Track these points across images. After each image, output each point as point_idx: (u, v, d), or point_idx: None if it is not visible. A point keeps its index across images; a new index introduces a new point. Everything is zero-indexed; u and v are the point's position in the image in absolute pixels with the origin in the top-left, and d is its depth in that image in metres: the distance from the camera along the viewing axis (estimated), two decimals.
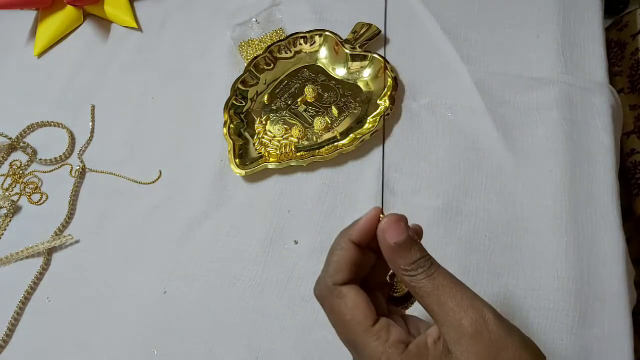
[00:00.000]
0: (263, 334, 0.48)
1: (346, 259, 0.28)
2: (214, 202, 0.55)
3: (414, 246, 0.27)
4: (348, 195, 0.53)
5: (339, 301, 0.28)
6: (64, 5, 0.69)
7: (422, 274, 0.27)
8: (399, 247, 0.27)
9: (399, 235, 0.27)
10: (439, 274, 0.27)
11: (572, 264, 0.47)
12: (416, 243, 0.28)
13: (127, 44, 0.68)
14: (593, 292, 0.46)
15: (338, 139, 0.56)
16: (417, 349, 0.26)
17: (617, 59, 0.78)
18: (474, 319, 0.25)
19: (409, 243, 0.27)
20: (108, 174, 0.59)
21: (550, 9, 0.61)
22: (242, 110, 0.59)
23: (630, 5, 1.22)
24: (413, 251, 0.27)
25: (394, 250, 0.27)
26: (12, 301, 0.52)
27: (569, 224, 0.48)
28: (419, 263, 0.27)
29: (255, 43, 0.64)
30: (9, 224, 0.58)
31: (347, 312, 0.28)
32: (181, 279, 0.52)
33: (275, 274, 0.50)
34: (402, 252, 0.27)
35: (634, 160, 0.68)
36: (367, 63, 0.59)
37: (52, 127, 0.63)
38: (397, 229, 0.27)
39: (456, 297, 0.26)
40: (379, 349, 0.26)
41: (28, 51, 0.70)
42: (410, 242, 0.27)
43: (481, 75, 0.58)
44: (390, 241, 0.27)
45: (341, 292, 0.28)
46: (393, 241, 0.27)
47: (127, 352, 0.49)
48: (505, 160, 0.53)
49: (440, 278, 0.27)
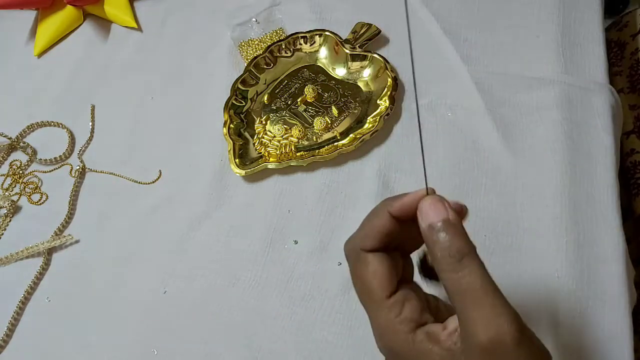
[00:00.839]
0: (263, 334, 0.48)
1: (379, 228, 0.27)
2: (214, 202, 0.55)
3: (449, 232, 0.25)
4: (348, 195, 0.53)
5: (361, 266, 0.28)
6: (64, 5, 0.69)
7: (450, 268, 0.25)
8: (435, 229, 0.26)
9: (436, 216, 0.26)
10: (471, 273, 0.24)
11: (572, 264, 0.47)
12: (454, 229, 0.25)
13: (127, 44, 0.68)
14: (593, 292, 0.46)
15: (338, 139, 0.56)
16: (427, 336, 0.26)
17: (617, 59, 0.78)
18: (492, 337, 0.23)
19: (445, 227, 0.25)
20: (108, 174, 0.59)
21: (550, 9, 0.61)
22: (242, 110, 0.59)
23: (630, 5, 1.22)
24: (447, 238, 0.25)
25: (430, 231, 0.26)
26: (12, 301, 0.52)
27: (569, 224, 0.48)
28: (450, 252, 0.25)
29: (255, 43, 0.64)
30: (9, 224, 0.58)
31: (367, 279, 0.27)
32: (181, 279, 0.52)
33: (275, 274, 0.50)
34: (438, 235, 0.25)
35: (634, 160, 0.68)
36: (367, 63, 0.59)
37: (52, 127, 0.63)
38: (435, 211, 0.26)
39: (482, 308, 0.24)
40: (388, 321, 0.26)
41: (28, 51, 0.70)
42: (447, 227, 0.25)
43: (481, 75, 0.58)
44: (424, 222, 0.26)
45: (366, 259, 0.27)
46: (428, 222, 0.26)
47: (127, 352, 0.49)
48: (505, 160, 0.53)
49: (472, 278, 0.24)
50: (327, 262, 0.50)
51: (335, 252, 0.51)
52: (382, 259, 0.27)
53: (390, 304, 0.27)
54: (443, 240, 0.25)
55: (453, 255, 0.25)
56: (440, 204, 0.26)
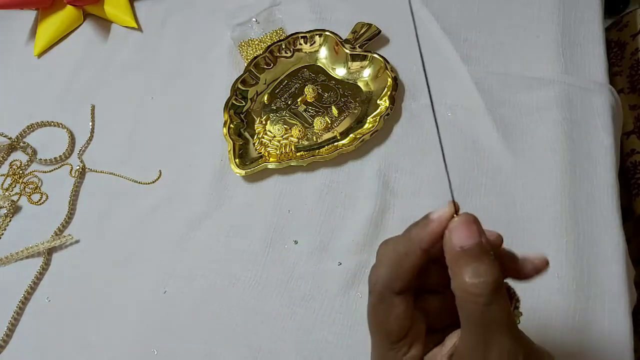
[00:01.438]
0: (263, 334, 0.48)
1: (410, 270, 0.25)
2: (214, 202, 0.55)
3: (485, 258, 0.23)
4: (348, 195, 0.53)
5: (385, 307, 0.25)
6: (64, 5, 0.69)
7: (479, 300, 0.23)
8: (466, 254, 0.23)
9: (469, 238, 0.23)
10: (501, 309, 0.23)
11: (572, 264, 0.47)
12: (488, 256, 0.23)
13: (127, 44, 0.68)
14: (593, 292, 0.46)
15: (338, 139, 0.56)
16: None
17: (617, 59, 0.78)
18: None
19: (479, 251, 0.23)
20: (108, 174, 0.59)
21: (550, 9, 0.61)
22: (242, 110, 0.59)
23: (630, 5, 1.22)
24: (482, 264, 0.23)
25: (459, 255, 0.23)
26: (12, 301, 0.52)
27: (569, 224, 0.48)
28: (484, 282, 0.22)
29: (255, 43, 0.64)
30: (9, 224, 0.58)
31: (388, 321, 0.25)
32: (181, 279, 0.52)
33: (275, 274, 0.50)
34: (469, 261, 0.23)
35: (634, 160, 0.68)
36: (367, 63, 0.59)
37: (52, 127, 0.63)
38: (468, 231, 0.23)
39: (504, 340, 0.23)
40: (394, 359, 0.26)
41: (28, 51, 0.70)
42: (481, 251, 0.23)
43: (481, 75, 0.58)
44: (456, 243, 0.23)
45: (392, 302, 0.25)
46: (460, 244, 0.23)
47: (127, 352, 0.49)
48: (505, 160, 0.53)
49: (496, 312, 0.23)
50: (327, 262, 0.50)
51: (335, 252, 0.51)
52: (408, 303, 0.25)
53: (401, 345, 0.26)
54: (482, 265, 0.23)
55: (487, 286, 0.23)
56: (472, 226, 0.24)
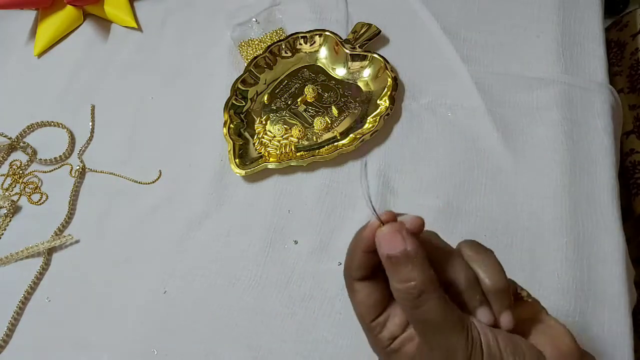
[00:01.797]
0: (263, 334, 0.48)
1: (359, 264, 0.28)
2: (214, 202, 0.55)
3: (409, 264, 0.25)
4: (348, 195, 0.53)
5: (351, 294, 0.29)
6: (64, 5, 0.69)
7: (409, 304, 0.25)
8: (392, 261, 0.25)
9: (394, 248, 0.25)
10: (430, 310, 0.25)
11: (572, 264, 0.47)
12: (413, 261, 0.25)
13: (127, 44, 0.68)
14: (593, 292, 0.46)
15: (338, 139, 0.56)
16: (400, 342, 0.28)
17: (617, 59, 0.78)
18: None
19: (404, 259, 0.25)
20: (108, 174, 0.59)
21: (550, 9, 0.61)
22: (242, 110, 0.59)
23: (630, 5, 1.22)
24: (407, 269, 0.25)
25: (387, 262, 0.26)
26: (12, 301, 0.52)
27: (569, 224, 0.48)
28: (409, 288, 0.25)
29: (255, 43, 0.64)
30: (9, 224, 0.58)
31: (355, 306, 0.29)
32: (181, 279, 0.52)
33: (275, 274, 0.50)
34: (396, 267, 0.25)
35: (634, 160, 0.68)
36: (367, 63, 0.59)
37: (52, 127, 0.63)
38: (393, 241, 0.25)
39: (439, 337, 0.26)
40: (371, 338, 0.29)
41: (28, 51, 0.70)
42: (406, 258, 0.25)
43: (481, 75, 0.58)
44: (383, 252, 0.26)
45: (354, 288, 0.29)
46: (386, 253, 0.25)
47: (127, 352, 0.49)
48: (505, 160, 0.53)
49: (431, 314, 0.25)
50: (327, 262, 0.50)
51: (335, 252, 0.51)
52: (369, 289, 0.28)
53: (373, 326, 0.28)
54: (402, 274, 0.25)
55: (411, 291, 0.25)
56: (397, 235, 0.25)
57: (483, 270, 0.28)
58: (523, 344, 0.27)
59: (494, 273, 0.28)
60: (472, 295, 0.28)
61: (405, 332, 0.28)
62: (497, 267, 0.28)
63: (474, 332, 0.26)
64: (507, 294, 0.28)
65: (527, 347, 0.27)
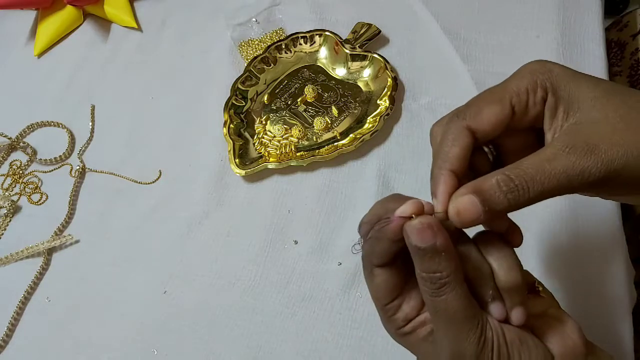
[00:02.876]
0: (263, 334, 0.48)
1: (381, 252, 0.28)
2: (214, 202, 0.55)
3: (436, 257, 0.25)
4: (348, 195, 0.53)
5: (370, 278, 0.29)
6: (64, 5, 0.69)
7: (430, 292, 0.26)
8: (420, 251, 0.25)
9: (423, 242, 0.25)
10: (448, 301, 0.25)
11: (572, 264, 0.47)
12: (440, 255, 0.25)
13: (127, 44, 0.68)
14: (593, 292, 0.46)
15: (338, 139, 0.56)
16: (413, 326, 0.28)
17: (617, 59, 0.78)
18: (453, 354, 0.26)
19: (432, 252, 0.25)
20: (108, 174, 0.59)
21: (550, 9, 0.61)
22: (242, 110, 0.59)
23: (630, 5, 1.22)
24: (433, 262, 0.25)
25: (415, 250, 0.25)
26: (12, 301, 0.52)
27: (569, 224, 0.48)
28: (432, 278, 0.25)
29: (255, 43, 0.64)
30: (9, 224, 0.58)
31: (372, 289, 0.29)
32: (181, 279, 0.52)
33: (275, 274, 0.50)
34: (423, 257, 0.25)
35: None
36: (367, 63, 0.59)
37: (52, 127, 0.63)
38: (422, 236, 0.25)
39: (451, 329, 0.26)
40: (384, 320, 0.29)
41: (28, 51, 0.70)
42: (434, 252, 0.25)
43: (481, 75, 0.58)
44: (412, 243, 0.25)
45: (373, 273, 0.29)
46: (415, 244, 0.25)
47: (127, 352, 0.49)
48: None
49: (449, 305, 0.25)
50: (327, 262, 0.50)
51: (335, 252, 0.51)
52: (387, 275, 0.28)
53: (387, 308, 0.29)
54: (428, 266, 0.25)
55: (436, 281, 0.25)
56: (428, 229, 0.25)
57: (498, 265, 0.27)
58: (530, 340, 0.27)
59: (509, 269, 0.27)
60: (485, 290, 0.27)
61: (419, 316, 0.28)
62: (513, 263, 0.27)
63: (488, 332, 0.26)
64: (521, 290, 0.27)
65: (534, 345, 0.27)
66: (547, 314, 0.29)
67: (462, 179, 0.27)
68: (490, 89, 0.29)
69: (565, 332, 0.28)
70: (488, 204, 0.25)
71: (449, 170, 0.27)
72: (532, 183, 0.25)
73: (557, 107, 0.27)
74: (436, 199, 0.27)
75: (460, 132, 0.28)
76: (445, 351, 0.26)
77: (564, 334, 0.28)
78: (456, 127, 0.28)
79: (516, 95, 0.28)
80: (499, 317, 0.27)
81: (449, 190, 0.26)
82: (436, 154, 0.28)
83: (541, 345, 0.27)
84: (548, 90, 0.28)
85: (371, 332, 0.47)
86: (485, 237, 0.28)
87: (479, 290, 0.27)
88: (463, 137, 0.27)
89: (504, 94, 0.28)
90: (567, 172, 0.24)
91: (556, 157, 0.25)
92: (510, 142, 0.30)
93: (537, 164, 0.25)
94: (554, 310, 0.30)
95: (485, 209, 0.25)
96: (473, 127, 0.28)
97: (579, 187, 0.25)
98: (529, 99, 0.28)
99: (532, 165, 0.25)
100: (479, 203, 0.25)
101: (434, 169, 0.28)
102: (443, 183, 0.27)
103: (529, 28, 0.60)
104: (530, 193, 0.25)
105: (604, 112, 0.25)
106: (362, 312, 0.48)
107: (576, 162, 0.24)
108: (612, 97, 0.26)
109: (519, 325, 0.27)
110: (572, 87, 0.27)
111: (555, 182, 0.25)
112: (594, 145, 0.24)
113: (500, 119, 0.28)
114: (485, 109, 0.28)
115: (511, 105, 0.28)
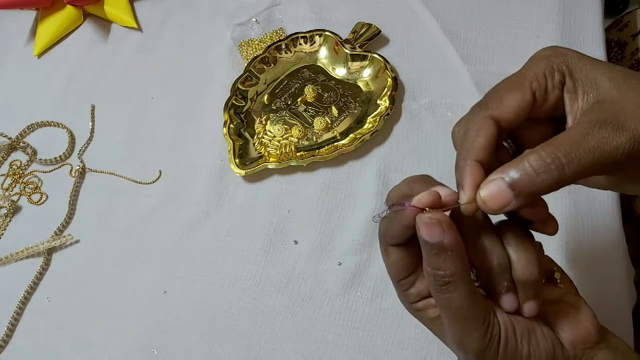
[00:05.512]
0: (263, 334, 0.48)
1: (400, 233, 0.27)
2: (214, 202, 0.55)
3: (443, 254, 0.25)
4: (348, 195, 0.53)
5: (385, 255, 0.29)
6: (64, 5, 0.69)
7: (436, 288, 0.26)
8: (428, 246, 0.25)
9: (432, 237, 0.25)
10: (453, 299, 0.25)
11: (572, 264, 0.47)
12: (445, 254, 0.25)
13: (127, 44, 0.68)
14: (593, 292, 0.46)
15: (338, 139, 0.56)
16: (424, 304, 0.29)
17: (617, 59, 0.78)
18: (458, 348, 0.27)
19: (439, 249, 0.25)
20: (108, 174, 0.59)
21: (550, 9, 0.61)
22: (242, 110, 0.59)
23: (630, 5, 1.22)
24: (439, 259, 0.25)
25: (424, 244, 0.25)
26: (12, 301, 0.52)
27: (569, 224, 0.48)
28: (436, 276, 0.25)
29: (255, 43, 0.64)
30: (9, 224, 0.58)
31: (387, 265, 0.29)
32: (181, 279, 0.52)
33: (275, 274, 0.50)
34: (430, 252, 0.25)
35: None
36: (367, 63, 0.59)
37: (52, 127, 0.63)
38: (431, 231, 0.25)
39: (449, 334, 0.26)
40: (399, 295, 0.30)
41: (28, 51, 0.70)
42: (441, 250, 0.25)
43: (481, 75, 0.58)
44: (422, 236, 0.25)
45: (387, 251, 0.29)
46: (424, 238, 0.25)
47: (127, 352, 0.49)
48: None
49: (455, 302, 0.25)
50: (327, 262, 0.50)
51: (335, 252, 0.51)
52: (401, 253, 0.28)
53: (402, 283, 0.29)
54: (434, 261, 0.25)
55: (439, 278, 0.25)
56: (437, 226, 0.25)
57: (517, 257, 0.27)
58: (539, 331, 0.27)
59: (527, 263, 0.26)
60: (500, 280, 0.27)
61: (430, 297, 0.28)
62: (532, 257, 0.27)
63: (495, 328, 0.26)
64: (536, 284, 0.27)
65: (542, 336, 0.27)
66: (563, 300, 0.29)
67: (487, 171, 0.26)
68: (508, 78, 0.29)
69: (579, 319, 0.28)
70: (518, 188, 0.23)
71: (474, 161, 0.26)
72: (567, 160, 0.23)
73: (577, 89, 0.27)
74: (462, 190, 0.26)
75: (484, 122, 0.27)
76: (451, 340, 0.27)
77: (577, 320, 0.28)
78: (479, 118, 0.27)
79: (535, 80, 0.27)
80: (510, 309, 0.27)
81: (475, 181, 0.25)
82: (460, 147, 0.27)
83: (550, 335, 0.27)
84: (565, 73, 0.27)
85: (371, 332, 0.47)
86: (508, 227, 0.28)
87: (494, 280, 0.27)
88: (487, 126, 0.27)
89: (523, 80, 0.28)
90: (602, 148, 0.23)
91: (588, 133, 0.23)
92: (530, 134, 0.29)
93: (570, 140, 0.24)
94: (570, 297, 0.29)
95: (516, 193, 0.23)
96: (496, 116, 0.27)
97: (610, 166, 0.24)
98: (548, 83, 0.27)
99: (565, 142, 0.24)
100: (508, 187, 0.24)
101: (458, 161, 0.27)
102: (469, 173, 0.26)
103: (529, 28, 0.60)
104: (567, 171, 0.23)
105: (624, 92, 0.25)
106: (362, 312, 0.48)
107: (609, 137, 0.23)
108: (629, 79, 0.25)
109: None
110: (588, 69, 0.27)
111: (592, 159, 0.23)
112: (623, 121, 0.24)
113: (522, 105, 0.27)
114: (507, 97, 0.28)
115: (532, 90, 0.27)
